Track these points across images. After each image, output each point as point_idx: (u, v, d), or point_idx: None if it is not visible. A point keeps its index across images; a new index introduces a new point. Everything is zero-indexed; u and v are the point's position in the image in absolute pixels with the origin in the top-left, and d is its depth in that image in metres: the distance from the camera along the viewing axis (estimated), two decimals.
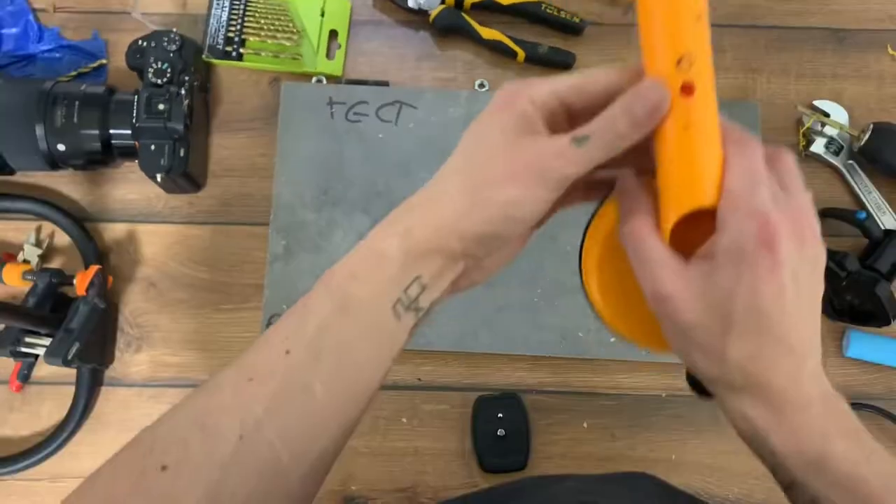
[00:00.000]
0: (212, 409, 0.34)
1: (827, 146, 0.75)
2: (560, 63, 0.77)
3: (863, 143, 0.72)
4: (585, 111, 0.35)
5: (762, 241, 0.32)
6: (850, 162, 0.75)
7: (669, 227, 0.35)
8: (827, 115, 0.75)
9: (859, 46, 0.79)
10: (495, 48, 0.76)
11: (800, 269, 0.34)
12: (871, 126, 0.72)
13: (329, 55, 0.77)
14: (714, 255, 0.34)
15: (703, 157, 0.34)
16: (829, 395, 0.37)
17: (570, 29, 0.77)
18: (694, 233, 0.35)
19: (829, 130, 0.75)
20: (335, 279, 0.36)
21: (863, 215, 0.70)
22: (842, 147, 0.74)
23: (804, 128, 0.75)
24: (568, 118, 0.36)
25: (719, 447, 0.70)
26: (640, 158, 0.36)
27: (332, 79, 0.76)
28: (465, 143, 0.37)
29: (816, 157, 0.75)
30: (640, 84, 0.33)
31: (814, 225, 0.35)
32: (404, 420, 0.70)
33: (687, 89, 0.32)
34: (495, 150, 0.35)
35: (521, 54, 0.76)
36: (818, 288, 0.36)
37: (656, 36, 0.33)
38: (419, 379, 0.71)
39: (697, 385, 0.39)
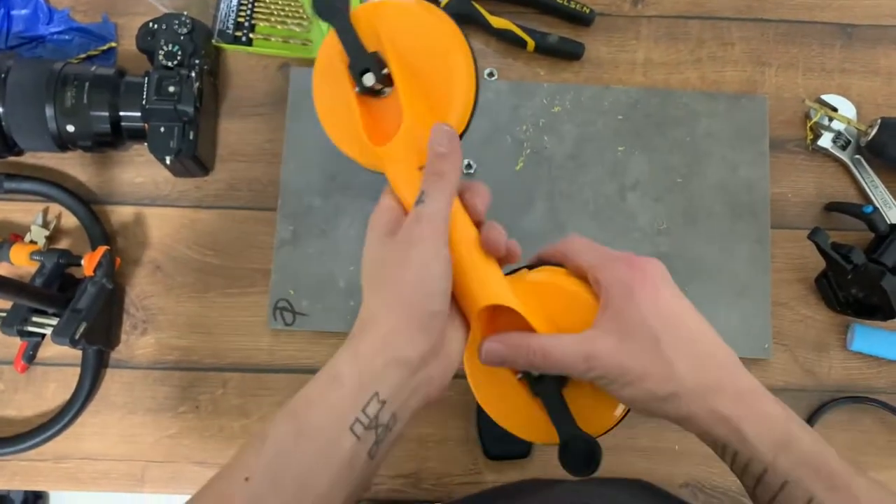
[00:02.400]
0: None
1: (834, 140, 0.75)
2: (569, 53, 0.77)
3: (870, 137, 0.72)
4: None
5: (634, 268, 0.42)
6: (857, 156, 0.75)
7: (475, 328, 0.44)
8: (835, 109, 0.75)
9: (868, 42, 0.79)
10: (505, 37, 0.76)
11: (665, 282, 0.43)
12: (879, 121, 0.72)
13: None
14: (609, 303, 0.41)
15: (467, 264, 0.43)
16: (762, 386, 0.42)
17: (580, 19, 0.78)
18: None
19: (836, 125, 0.75)
20: (293, 406, 0.38)
21: (869, 209, 0.70)
22: (849, 142, 0.75)
23: (812, 122, 0.75)
24: None
25: None
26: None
27: None
28: (364, 270, 0.43)
29: (824, 152, 0.75)
30: (431, 133, 0.43)
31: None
32: None
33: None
34: (382, 258, 0.41)
35: (531, 44, 0.76)
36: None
37: (399, 186, 0.45)
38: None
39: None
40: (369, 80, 0.45)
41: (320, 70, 0.48)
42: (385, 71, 0.45)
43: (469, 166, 0.73)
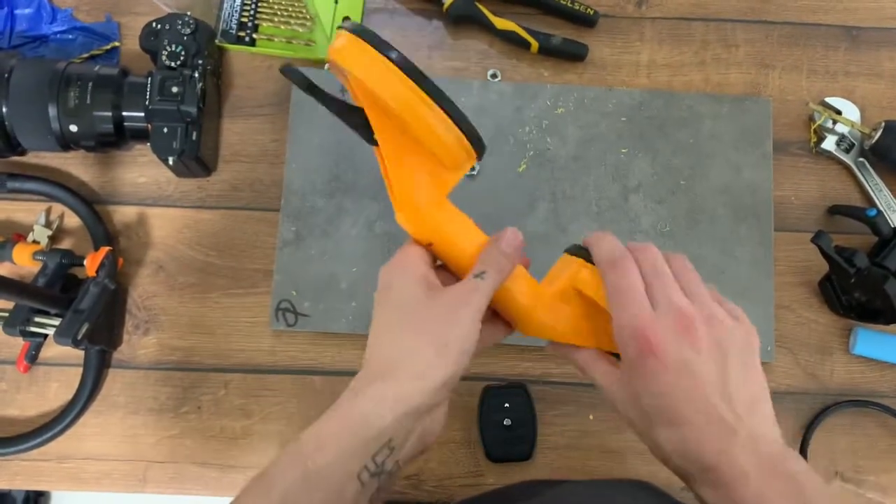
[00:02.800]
0: None
1: (838, 143, 0.75)
2: (573, 54, 0.77)
3: (874, 140, 0.72)
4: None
5: (642, 351, 0.38)
6: (861, 159, 0.75)
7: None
8: (839, 112, 0.75)
9: (872, 44, 0.79)
10: (509, 39, 0.76)
11: (697, 357, 0.38)
12: (883, 124, 0.72)
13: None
14: (621, 368, 0.41)
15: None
16: (770, 460, 0.38)
17: (584, 20, 0.77)
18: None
19: (840, 128, 0.75)
20: (303, 448, 0.38)
21: (873, 213, 0.70)
22: (853, 145, 0.74)
23: (815, 125, 0.75)
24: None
25: None
26: None
27: None
28: (393, 308, 0.43)
29: (827, 155, 0.75)
30: (504, 232, 0.45)
31: (708, 312, 0.41)
32: None
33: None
34: (428, 305, 0.41)
35: (535, 45, 0.76)
36: (737, 359, 0.40)
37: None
38: None
39: None
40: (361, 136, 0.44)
41: None
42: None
43: (472, 168, 0.73)
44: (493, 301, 0.45)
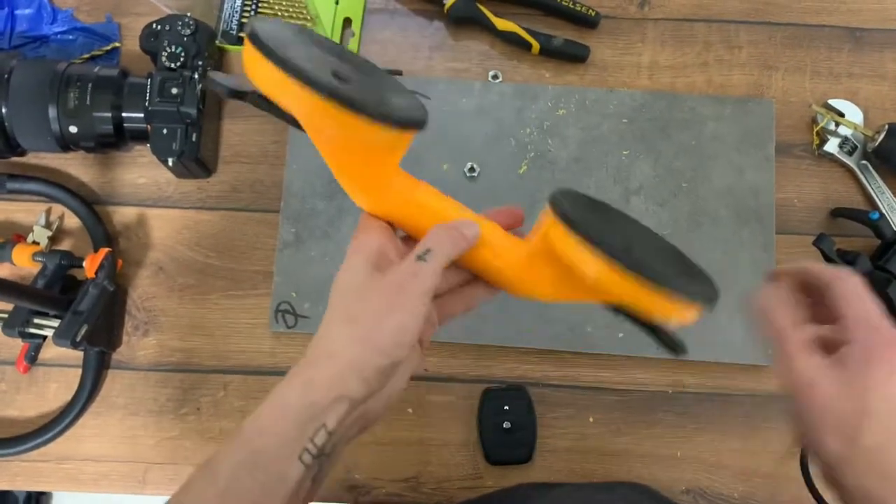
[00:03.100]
0: None
1: (841, 146, 0.74)
2: (574, 55, 0.76)
3: (877, 143, 0.72)
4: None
5: (886, 346, 0.39)
6: (864, 162, 0.74)
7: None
8: (841, 114, 0.74)
9: (876, 46, 0.78)
10: (510, 40, 0.76)
11: None
12: (887, 127, 0.72)
13: (343, 43, 0.77)
14: (848, 358, 0.39)
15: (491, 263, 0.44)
16: None
17: (585, 21, 0.77)
18: None
19: (843, 130, 0.74)
20: (244, 434, 0.39)
21: (875, 216, 0.70)
22: (856, 147, 0.74)
23: (818, 127, 0.75)
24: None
25: (725, 445, 0.70)
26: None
27: None
28: (338, 293, 0.42)
29: (830, 157, 0.75)
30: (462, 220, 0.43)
31: None
32: (410, 411, 0.70)
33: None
34: (366, 291, 0.40)
35: (536, 46, 0.75)
36: None
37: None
38: (426, 370, 0.71)
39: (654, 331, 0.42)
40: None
41: None
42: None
43: (472, 170, 0.73)
44: (466, 264, 0.44)
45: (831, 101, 0.75)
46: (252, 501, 0.37)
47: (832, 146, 0.74)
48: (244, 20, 0.75)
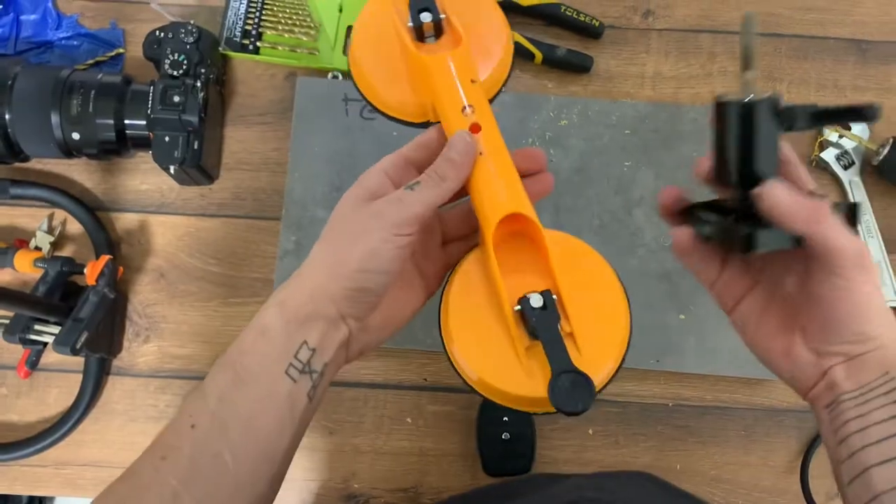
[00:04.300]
0: (132, 494, 0.37)
1: (838, 158, 0.73)
2: (578, 66, 0.76)
3: (882, 157, 0.71)
4: (423, 159, 0.44)
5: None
6: (856, 179, 0.73)
7: (489, 235, 0.42)
8: (847, 127, 0.73)
9: (882, 58, 0.77)
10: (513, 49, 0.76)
11: None
12: (892, 140, 0.71)
13: (346, 51, 0.76)
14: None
15: (498, 174, 0.43)
16: None
17: (589, 32, 0.77)
18: (516, 240, 0.44)
19: (846, 142, 0.73)
20: (229, 357, 0.39)
21: None
22: (852, 163, 0.73)
23: (822, 137, 0.74)
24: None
25: (724, 459, 0.69)
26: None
27: (348, 75, 0.75)
28: (329, 222, 0.42)
29: (824, 166, 0.74)
30: (451, 137, 0.42)
31: None
32: (409, 420, 0.70)
33: (474, 128, 0.43)
34: (346, 219, 0.41)
35: (539, 56, 0.75)
36: None
37: (445, 98, 0.44)
38: (425, 379, 0.71)
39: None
40: (426, 17, 0.45)
41: (368, 17, 0.48)
42: (442, 16, 0.45)
43: None
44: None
45: None
46: (245, 417, 0.38)
47: (829, 155, 0.73)
48: (248, 27, 0.75)
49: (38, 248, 0.71)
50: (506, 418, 0.69)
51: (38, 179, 0.74)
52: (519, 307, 0.41)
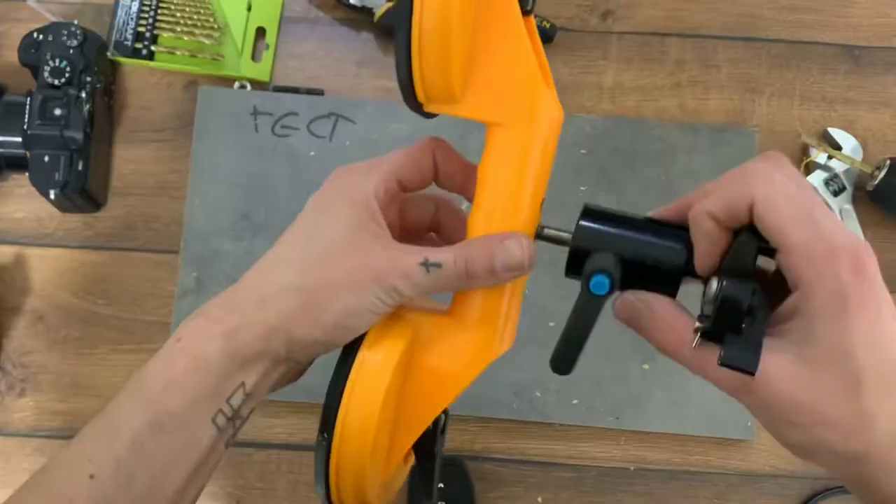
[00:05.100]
0: None
1: (827, 183, 0.68)
2: None
3: (877, 181, 0.65)
4: (416, 184, 0.38)
5: (860, 276, 0.30)
6: (848, 207, 0.68)
7: None
8: (838, 147, 0.68)
9: (878, 67, 0.73)
10: None
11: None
12: (888, 162, 0.65)
13: (255, 57, 0.72)
14: (806, 313, 0.30)
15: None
16: None
17: (539, 35, 0.68)
18: None
19: (836, 164, 0.67)
20: (148, 387, 0.34)
21: None
22: (843, 188, 0.68)
23: (808, 159, 0.68)
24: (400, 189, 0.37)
25: None
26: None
27: (257, 85, 0.71)
28: (303, 229, 0.36)
29: None
30: (507, 238, 0.34)
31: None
32: None
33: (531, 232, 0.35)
34: (336, 247, 0.35)
35: None
36: None
37: (532, 173, 0.34)
38: None
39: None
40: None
41: None
42: None
43: None
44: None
45: (830, 130, 0.69)
46: (157, 469, 0.34)
47: (817, 178, 0.68)
48: (141, 29, 0.71)
49: None
50: (441, 485, 0.63)
51: None
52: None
